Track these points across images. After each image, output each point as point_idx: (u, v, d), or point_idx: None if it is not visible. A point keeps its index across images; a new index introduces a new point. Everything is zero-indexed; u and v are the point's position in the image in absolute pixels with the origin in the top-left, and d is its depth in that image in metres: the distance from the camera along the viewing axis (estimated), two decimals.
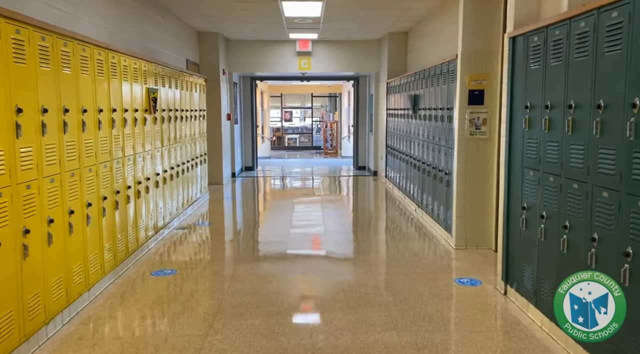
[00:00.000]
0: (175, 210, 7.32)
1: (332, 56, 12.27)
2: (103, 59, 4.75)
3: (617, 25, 2.93)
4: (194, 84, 8.64)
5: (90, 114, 4.46)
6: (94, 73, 4.56)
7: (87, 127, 4.39)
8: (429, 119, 7.34)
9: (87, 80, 4.43)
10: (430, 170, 7.27)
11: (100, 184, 4.68)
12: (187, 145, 8.09)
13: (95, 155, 4.58)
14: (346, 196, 10.74)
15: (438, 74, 6.86)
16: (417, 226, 7.28)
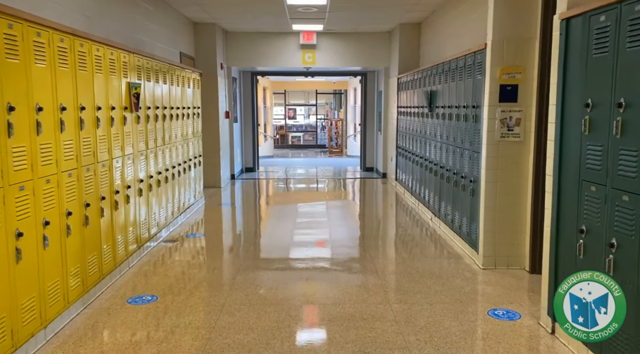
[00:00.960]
0: (163, 219, 6.53)
1: (339, 50, 11.45)
2: (67, 46, 3.96)
3: None
4: (187, 79, 7.85)
5: (48, 113, 3.66)
6: (54, 63, 3.76)
7: (44, 129, 3.59)
8: (448, 118, 6.52)
9: (44, 71, 3.63)
10: (450, 176, 6.45)
11: (64, 197, 3.90)
12: (179, 146, 7.30)
13: (56, 162, 3.78)
14: (354, 202, 9.94)
15: (460, 68, 6.04)
16: (435, 239, 6.47)
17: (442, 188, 6.86)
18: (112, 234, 4.86)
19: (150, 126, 6.03)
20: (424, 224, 7.31)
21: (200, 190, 8.65)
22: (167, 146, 6.71)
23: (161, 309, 4.23)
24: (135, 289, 4.68)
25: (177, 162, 7.23)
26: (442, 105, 6.85)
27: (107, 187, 4.71)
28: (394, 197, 9.73)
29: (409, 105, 9.20)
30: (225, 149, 10.99)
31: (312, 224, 7.63)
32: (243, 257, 5.73)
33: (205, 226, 7.43)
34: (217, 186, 10.53)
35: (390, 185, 10.94)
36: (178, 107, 7.23)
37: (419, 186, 8.38)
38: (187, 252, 5.97)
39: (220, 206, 8.73)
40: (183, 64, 8.76)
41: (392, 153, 11.04)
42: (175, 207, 7.12)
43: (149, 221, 5.96)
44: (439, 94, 7.11)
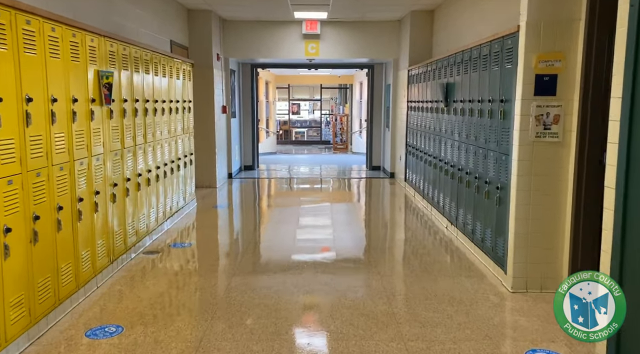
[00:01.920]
0: (144, 227, 5.77)
1: (344, 40, 10.64)
2: (5, 22, 3.18)
3: None
4: (177, 70, 7.07)
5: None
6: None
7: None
8: (469, 114, 5.72)
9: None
10: (470, 180, 5.66)
11: (2, 210, 3.14)
12: (165, 144, 6.53)
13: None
14: (360, 205, 9.15)
15: (484, 56, 5.24)
16: (452, 252, 5.68)
17: (460, 193, 6.06)
18: (75, 249, 4.10)
19: (128, 121, 5.26)
20: (438, 233, 6.53)
21: (191, 191, 7.89)
22: (150, 144, 5.94)
23: (125, 345, 3.47)
24: (98, 316, 3.92)
25: (164, 161, 6.46)
26: (460, 99, 6.05)
27: (66, 194, 3.95)
28: (403, 200, 8.94)
29: (421, 99, 8.40)
30: (221, 146, 10.22)
31: (315, 232, 6.86)
32: (233, 273, 4.96)
33: (195, 234, 6.66)
34: (213, 185, 9.76)
35: (398, 186, 10.15)
36: (164, 101, 6.45)
37: (431, 189, 7.58)
38: (169, 266, 5.21)
39: (213, 209, 7.96)
40: (174, 53, 7.98)
41: (401, 152, 10.24)
42: (161, 213, 6.36)
43: (125, 230, 5.20)
44: (457, 87, 6.31)
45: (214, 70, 9.61)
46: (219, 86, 9.99)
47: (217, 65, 9.84)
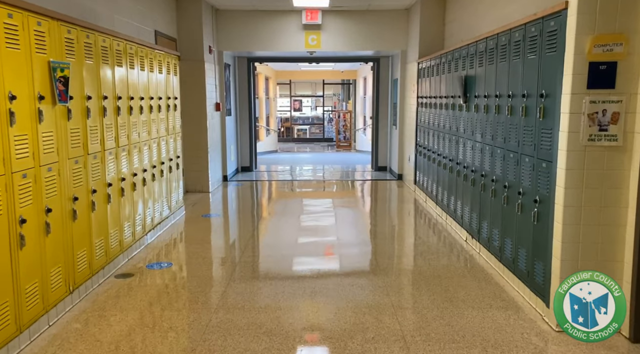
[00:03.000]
0: (117, 245, 4.96)
1: (347, 31, 9.79)
2: None
3: None
4: (159, 63, 6.25)
5: None
6: None
7: None
8: (494, 112, 4.88)
9: None
10: (497, 189, 4.83)
11: None
12: (145, 146, 5.72)
13: None
14: (368, 213, 8.32)
15: (516, 42, 4.39)
16: (476, 273, 4.85)
17: (484, 203, 5.24)
18: (16, 283, 3.29)
19: (94, 122, 4.45)
20: (455, 246, 5.70)
21: (178, 198, 7.07)
22: (125, 148, 5.13)
23: None
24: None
25: (142, 167, 5.65)
26: (484, 94, 5.21)
27: (1, 216, 3.14)
28: (414, 206, 8.11)
29: (433, 95, 7.56)
30: (215, 146, 9.40)
31: (317, 249, 6.04)
32: (216, 306, 4.14)
33: (178, 250, 5.85)
34: (205, 190, 8.95)
35: (407, 189, 9.31)
36: (142, 98, 5.63)
37: (446, 195, 6.75)
38: (141, 295, 4.39)
39: (203, 219, 7.13)
40: (160, 45, 7.16)
41: (409, 152, 9.41)
42: (139, 226, 5.55)
43: (91, 251, 4.40)
44: (478, 80, 5.47)
45: (206, 64, 8.79)
46: (211, 81, 9.16)
47: (209, 59, 9.02)
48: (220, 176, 9.94)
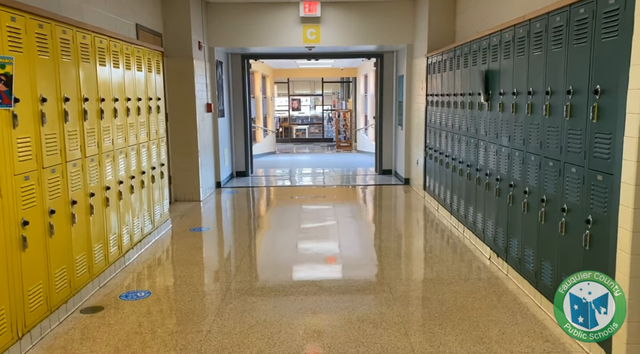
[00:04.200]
0: (84, 272, 4.23)
1: (348, 24, 9.06)
2: None
3: None
4: (138, 59, 5.51)
5: None
6: None
7: None
8: (527, 111, 4.14)
9: None
10: (530, 202, 4.10)
11: None
12: (121, 155, 4.99)
13: None
14: (373, 223, 7.59)
15: (557, 28, 3.66)
16: (507, 301, 4.12)
17: (514, 217, 4.51)
18: None
19: (51, 129, 3.71)
20: (477, 266, 4.97)
21: (163, 211, 6.34)
22: (94, 158, 4.39)
23: None
24: None
25: (118, 179, 4.91)
26: (512, 91, 4.47)
27: None
28: (422, 213, 7.39)
29: (445, 92, 6.84)
30: (206, 150, 8.67)
31: (318, 272, 5.31)
32: (199, 352, 3.41)
33: (159, 274, 5.10)
34: (195, 198, 8.22)
35: (415, 195, 8.58)
36: (116, 99, 4.90)
37: (464, 205, 6.02)
38: (108, 338, 3.65)
39: (191, 234, 6.39)
40: (142, 40, 6.43)
41: (418, 155, 8.68)
42: (114, 247, 4.82)
43: (49, 283, 3.67)
44: (503, 75, 4.74)
45: (195, 61, 8.06)
46: (201, 80, 8.43)
47: (198, 56, 8.28)
48: (213, 183, 9.21)
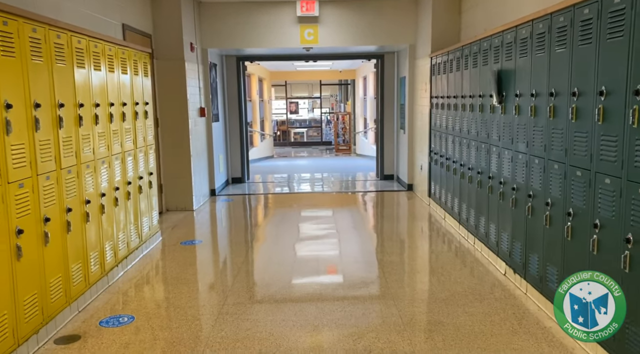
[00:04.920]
0: (60, 296, 3.82)
1: (347, 23, 8.67)
2: None
3: None
4: (122, 61, 5.11)
5: None
6: None
7: None
8: (548, 115, 3.74)
9: None
10: (553, 214, 3.70)
11: None
12: (103, 165, 4.58)
13: None
14: (376, 234, 7.18)
15: (585, 22, 3.26)
16: (529, 325, 3.71)
17: (533, 231, 4.10)
18: None
19: (19, 139, 3.30)
20: (490, 280, 4.56)
21: (152, 223, 5.93)
22: (71, 169, 3.99)
23: None
24: None
25: (99, 191, 4.50)
26: (530, 92, 4.07)
27: None
28: (429, 224, 6.98)
29: (452, 94, 6.45)
30: (200, 156, 8.26)
31: (318, 292, 4.90)
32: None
33: (145, 296, 4.68)
34: (188, 208, 7.81)
35: (420, 203, 8.18)
36: (98, 104, 4.49)
37: (474, 215, 5.62)
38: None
39: (182, 248, 5.97)
40: (129, 41, 6.04)
41: (422, 160, 8.28)
42: (95, 266, 4.40)
43: (16, 312, 3.25)
44: (519, 75, 4.35)
45: (187, 63, 7.66)
46: (194, 83, 8.03)
47: (191, 58, 7.88)
48: (207, 191, 8.80)
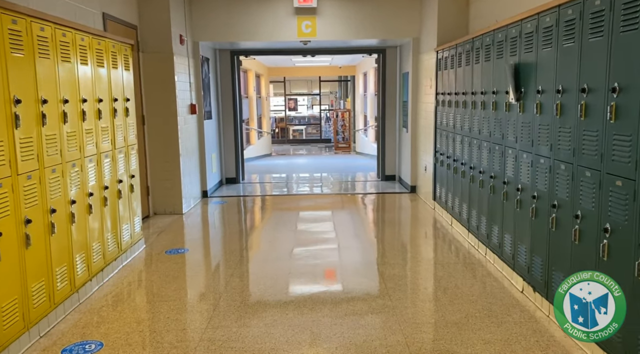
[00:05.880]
0: (16, 320, 3.33)
1: (347, 15, 8.17)
2: None
3: None
4: (100, 53, 4.61)
5: None
6: None
7: None
8: (580, 114, 3.25)
9: None
10: (585, 229, 3.21)
11: None
12: (74, 169, 4.09)
13: None
14: (377, 242, 6.69)
15: (628, 4, 2.77)
16: (551, 353, 3.23)
17: (558, 245, 3.61)
18: None
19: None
20: (507, 299, 4.08)
21: (134, 231, 5.43)
22: (31, 175, 3.49)
23: None
24: None
25: (70, 198, 4.01)
26: (556, 88, 3.58)
27: None
28: (435, 230, 6.49)
29: (460, 90, 5.95)
30: (190, 156, 7.77)
31: (315, 315, 4.42)
32: None
33: (117, 317, 4.18)
34: (177, 211, 7.31)
35: (424, 206, 7.68)
36: (66, 100, 4.00)
37: (485, 222, 5.14)
38: None
39: (166, 258, 5.47)
40: (112, 32, 5.54)
41: (426, 160, 7.79)
42: (62, 282, 3.91)
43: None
44: (540, 69, 3.85)
45: (176, 57, 7.15)
46: (183, 78, 7.52)
47: (180, 51, 7.38)
48: (199, 192, 8.30)
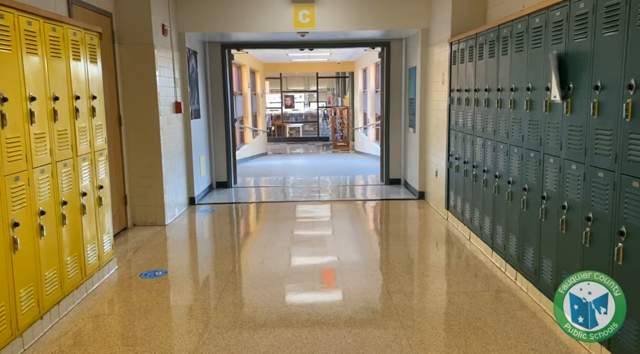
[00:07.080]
0: None
1: (348, 4, 7.38)
2: None
3: None
4: (56, 42, 3.82)
5: None
6: None
7: None
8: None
9: None
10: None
11: None
12: (19, 184, 3.30)
13: None
14: (385, 260, 5.89)
15: None
16: None
17: (623, 276, 2.84)
18: None
19: None
20: (552, 344, 3.32)
21: (102, 251, 4.64)
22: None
23: None
24: None
25: (12, 219, 3.22)
26: (627, 83, 2.81)
27: None
28: (448, 247, 5.72)
29: (480, 87, 5.18)
30: (175, 160, 6.97)
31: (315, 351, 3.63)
32: None
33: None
34: (160, 222, 6.53)
35: (435, 215, 6.91)
36: (5, 99, 3.20)
37: (515, 241, 4.37)
38: None
39: (139, 283, 4.66)
40: (81, 20, 4.75)
41: (437, 164, 7.01)
42: (1, 326, 3.12)
43: None
44: (595, 60, 3.08)
45: (157, 49, 6.36)
46: (167, 73, 6.73)
47: (163, 43, 6.58)
48: (185, 199, 7.51)
